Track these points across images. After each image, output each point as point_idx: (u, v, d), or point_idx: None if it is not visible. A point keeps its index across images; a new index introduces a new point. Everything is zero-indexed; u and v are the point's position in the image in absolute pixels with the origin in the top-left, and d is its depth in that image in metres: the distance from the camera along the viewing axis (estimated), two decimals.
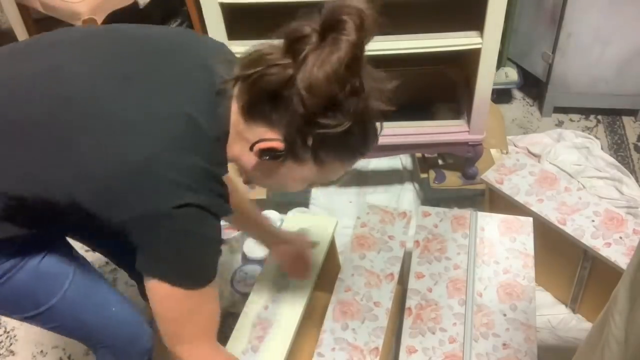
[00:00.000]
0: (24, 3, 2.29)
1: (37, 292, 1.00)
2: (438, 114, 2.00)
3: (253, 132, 0.85)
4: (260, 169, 0.89)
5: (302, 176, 0.90)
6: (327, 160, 0.87)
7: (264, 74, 0.79)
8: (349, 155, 0.89)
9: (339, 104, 0.80)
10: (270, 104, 0.82)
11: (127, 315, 1.16)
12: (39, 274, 0.99)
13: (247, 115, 0.85)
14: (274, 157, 0.85)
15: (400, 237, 1.44)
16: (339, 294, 1.33)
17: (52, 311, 1.02)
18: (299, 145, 0.84)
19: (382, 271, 1.37)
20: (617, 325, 0.73)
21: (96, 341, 1.16)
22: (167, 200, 0.79)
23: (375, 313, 1.28)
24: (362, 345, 1.22)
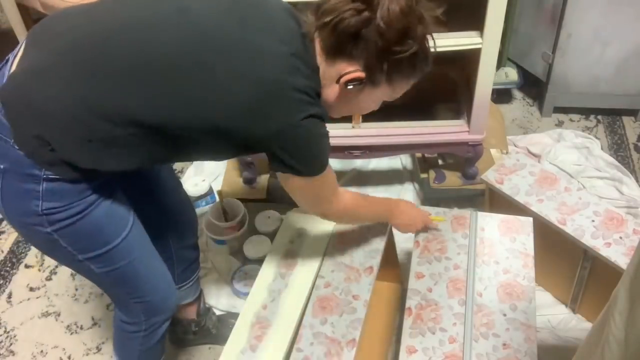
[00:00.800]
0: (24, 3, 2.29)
1: (108, 229, 1.10)
2: (438, 114, 2.00)
3: (336, 67, 1.01)
4: (344, 97, 1.05)
5: (377, 97, 1.08)
6: (397, 80, 1.03)
7: (342, 19, 0.95)
8: (415, 73, 1.04)
9: (410, 33, 0.97)
10: (351, 42, 0.98)
11: (165, 271, 1.28)
12: (111, 212, 1.09)
13: (329, 54, 1.01)
14: (357, 85, 1.01)
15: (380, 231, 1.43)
16: (319, 291, 1.32)
17: (115, 251, 1.11)
18: (377, 71, 1.00)
19: (361, 265, 1.37)
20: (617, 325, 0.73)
21: (137, 292, 1.22)
22: (298, 114, 0.97)
23: (354, 306, 1.28)
24: (339, 337, 1.22)
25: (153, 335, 1.32)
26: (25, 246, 2.04)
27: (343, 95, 1.05)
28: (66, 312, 1.83)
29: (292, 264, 1.38)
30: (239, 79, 0.95)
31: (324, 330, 1.24)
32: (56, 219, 1.02)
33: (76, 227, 1.04)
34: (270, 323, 1.25)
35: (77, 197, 1.02)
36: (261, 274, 1.38)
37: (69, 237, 1.06)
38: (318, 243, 1.42)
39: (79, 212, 1.03)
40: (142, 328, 1.29)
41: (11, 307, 1.85)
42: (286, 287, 1.33)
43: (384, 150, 1.90)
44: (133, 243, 1.15)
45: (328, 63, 1.02)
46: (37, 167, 0.97)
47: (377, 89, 1.04)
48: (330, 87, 1.04)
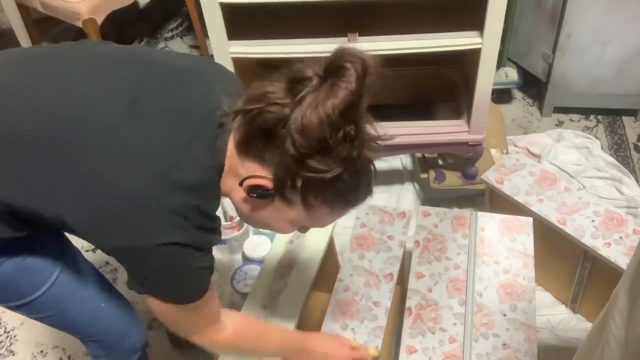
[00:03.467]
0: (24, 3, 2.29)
1: (21, 284, 1.01)
2: (438, 114, 2.00)
3: (245, 167, 0.85)
4: (249, 205, 0.89)
5: (290, 218, 0.89)
6: (315, 205, 0.86)
7: (263, 111, 0.80)
8: (338, 203, 0.88)
9: (330, 149, 0.80)
10: (264, 141, 0.82)
11: (117, 311, 1.17)
12: (24, 268, 1.00)
13: (241, 150, 0.86)
14: (263, 195, 0.85)
15: (399, 237, 1.44)
16: (339, 294, 1.33)
17: (37, 303, 1.04)
18: (288, 186, 0.83)
19: (381, 271, 1.37)
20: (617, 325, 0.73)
21: (84, 335, 1.17)
22: (152, 238, 0.80)
23: (375, 313, 1.28)
24: None
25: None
26: None
27: (249, 203, 0.88)
28: None
29: (292, 264, 1.38)
30: (96, 179, 0.80)
31: (345, 335, 1.24)
32: None
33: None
34: (270, 323, 1.25)
35: None
36: (261, 274, 1.38)
37: None
38: (318, 243, 1.42)
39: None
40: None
41: None
42: (286, 287, 1.33)
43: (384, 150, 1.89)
44: (61, 292, 1.05)
45: (239, 160, 0.86)
46: None
47: (289, 209, 0.87)
48: (235, 188, 0.88)
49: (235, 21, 1.59)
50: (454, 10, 1.65)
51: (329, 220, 0.92)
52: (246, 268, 1.83)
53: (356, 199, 0.89)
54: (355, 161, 0.83)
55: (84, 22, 2.15)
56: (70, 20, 2.20)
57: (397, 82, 2.07)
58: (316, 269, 1.36)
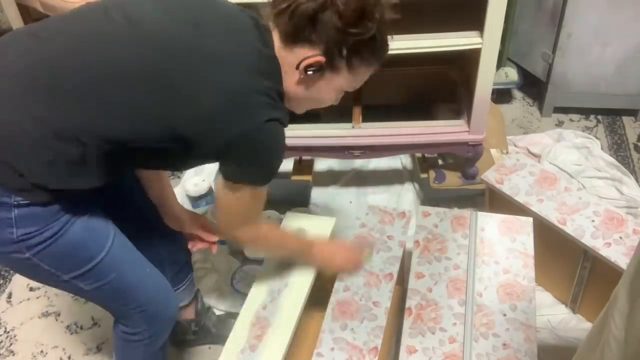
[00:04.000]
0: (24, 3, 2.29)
1: (90, 245, 1.08)
2: (438, 114, 2.00)
3: (295, 54, 1.01)
4: (304, 86, 1.05)
5: (338, 84, 1.07)
6: (358, 66, 1.03)
7: (299, 3, 0.97)
8: (373, 60, 1.05)
9: (367, 14, 0.97)
10: (309, 27, 0.98)
11: (159, 278, 1.26)
12: (89, 228, 1.08)
13: (287, 42, 1.01)
14: (317, 70, 1.01)
15: (399, 237, 1.44)
16: (338, 294, 1.33)
17: (102, 266, 1.10)
18: (336, 56, 1.00)
19: (381, 271, 1.36)
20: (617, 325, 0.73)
21: (135, 304, 1.20)
22: (260, 117, 0.97)
23: (375, 313, 1.28)
24: (361, 344, 1.22)
25: (156, 342, 1.31)
26: None
27: (303, 83, 1.05)
28: (66, 312, 1.83)
29: (292, 264, 1.38)
30: (198, 87, 0.95)
31: (345, 336, 1.24)
32: (33, 243, 1.00)
33: (55, 249, 1.03)
34: (270, 323, 1.25)
35: (50, 219, 1.01)
36: (261, 274, 1.38)
37: (49, 259, 1.04)
38: None
39: (55, 234, 1.02)
40: (146, 336, 1.27)
41: (11, 307, 1.85)
42: (286, 287, 1.33)
43: (384, 150, 1.90)
44: (119, 255, 1.13)
45: (287, 51, 1.02)
46: (6, 195, 0.96)
47: (337, 76, 1.04)
48: (290, 76, 1.04)
49: None
50: (454, 10, 1.65)
51: (365, 77, 1.09)
52: (246, 268, 1.83)
53: (383, 53, 1.06)
54: (382, 21, 1.00)
55: None
56: None
57: (397, 82, 2.07)
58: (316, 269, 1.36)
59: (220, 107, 0.96)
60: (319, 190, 2.10)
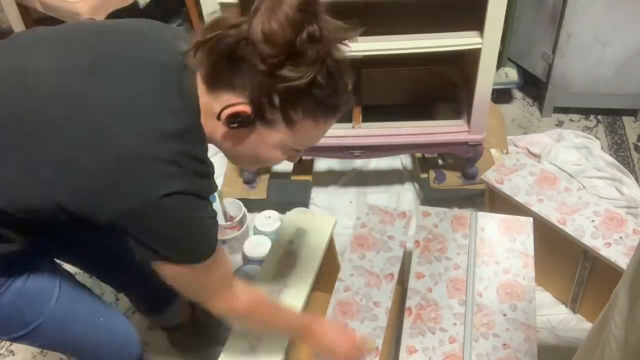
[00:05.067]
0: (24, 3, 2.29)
1: (24, 311, 0.99)
2: (438, 114, 2.00)
3: (220, 101, 0.83)
4: (232, 138, 0.86)
5: (276, 142, 0.87)
6: (297, 120, 0.84)
7: (222, 36, 0.78)
8: (320, 111, 0.85)
9: (298, 53, 0.77)
10: (230, 67, 0.80)
11: (115, 323, 1.17)
12: (25, 293, 0.98)
13: (210, 85, 0.83)
14: (243, 123, 0.83)
15: (399, 237, 1.44)
16: (339, 294, 1.33)
17: (41, 329, 1.01)
18: (266, 106, 0.81)
19: (381, 271, 1.36)
20: (617, 325, 0.73)
21: (88, 355, 1.15)
22: (154, 191, 0.78)
23: (375, 313, 1.28)
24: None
25: None
26: None
27: (230, 138, 0.86)
28: None
29: (292, 264, 1.38)
30: (81, 150, 0.79)
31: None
32: None
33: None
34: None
35: None
36: (261, 274, 1.38)
37: None
38: (318, 243, 1.42)
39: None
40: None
41: None
42: (286, 287, 1.33)
43: (384, 150, 1.90)
44: (63, 313, 1.03)
45: (211, 96, 0.84)
46: None
47: (273, 131, 0.85)
48: (215, 127, 0.85)
49: None
50: (454, 10, 1.65)
51: (315, 135, 0.89)
52: (246, 268, 1.83)
53: (337, 103, 0.86)
54: (326, 62, 0.80)
55: None
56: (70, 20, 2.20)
57: (397, 82, 2.07)
58: (316, 269, 1.36)
59: (104, 177, 0.79)
60: (319, 190, 2.10)
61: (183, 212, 0.82)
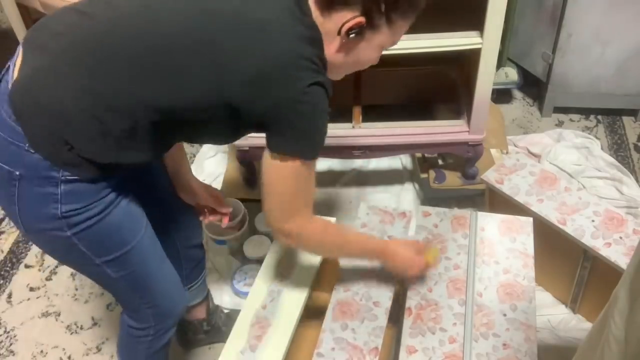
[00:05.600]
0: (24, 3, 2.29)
1: (126, 229, 1.09)
2: (438, 114, 2.01)
3: (333, 20, 0.99)
4: (345, 50, 1.03)
5: (379, 42, 1.04)
6: (396, 20, 1.01)
7: None
8: (410, 11, 1.02)
9: None
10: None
11: (174, 275, 1.27)
12: (129, 212, 1.09)
13: (324, 8, 0.99)
14: (359, 32, 0.99)
15: (400, 237, 1.44)
16: (339, 294, 1.33)
17: (132, 253, 1.10)
18: (375, 14, 0.98)
19: (381, 271, 1.36)
20: (617, 325, 0.73)
21: (149, 297, 1.21)
22: (305, 81, 0.96)
23: (375, 313, 1.28)
24: (361, 345, 1.22)
25: (160, 340, 1.31)
26: (25, 246, 2.04)
27: (344, 47, 1.03)
28: (66, 312, 1.83)
29: (292, 264, 1.38)
30: (245, 53, 0.95)
31: (345, 336, 1.24)
32: (76, 221, 1.01)
33: (96, 229, 1.03)
34: (270, 323, 1.25)
35: (96, 197, 1.01)
36: (261, 274, 1.38)
37: (88, 239, 1.04)
38: None
39: (98, 213, 1.02)
40: (151, 333, 1.28)
41: (11, 307, 1.85)
42: (286, 287, 1.33)
43: (384, 150, 1.90)
44: (147, 245, 1.14)
45: (325, 17, 1.00)
46: (54, 169, 0.96)
47: (377, 34, 1.02)
48: (331, 43, 1.02)
49: None
50: (454, 10, 1.65)
51: (404, 31, 1.06)
52: (246, 268, 1.83)
53: (419, 3, 1.02)
54: None
55: None
56: None
57: (397, 82, 2.07)
58: (316, 269, 1.36)
59: (266, 71, 0.95)
60: (319, 190, 2.10)
61: (320, 101, 0.99)
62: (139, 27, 0.97)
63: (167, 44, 0.95)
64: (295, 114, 0.98)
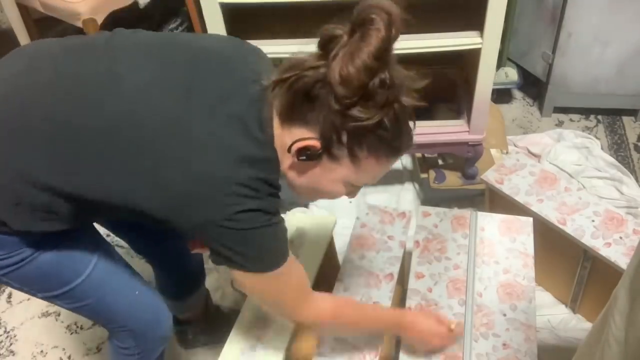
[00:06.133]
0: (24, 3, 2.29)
1: (63, 272, 1.05)
2: (438, 114, 2.00)
3: (291, 134, 0.89)
4: (297, 169, 0.93)
5: (340, 176, 0.93)
6: (362, 157, 0.90)
7: (301, 77, 0.85)
8: (383, 151, 0.91)
9: (370, 96, 0.84)
10: (306, 104, 0.87)
11: (149, 299, 1.21)
12: (63, 255, 1.04)
13: (284, 119, 0.90)
14: (311, 156, 0.89)
15: (399, 237, 1.44)
16: (339, 294, 1.33)
17: (77, 291, 1.07)
18: (334, 142, 0.88)
19: (381, 271, 1.36)
20: (617, 325, 0.73)
21: (118, 324, 1.18)
22: (231, 209, 0.86)
23: None
24: (362, 344, 1.22)
25: (149, 357, 1.27)
26: None
27: (296, 169, 0.93)
28: (66, 312, 1.82)
29: None
30: (170, 166, 0.86)
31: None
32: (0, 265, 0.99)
33: (24, 272, 1.01)
34: (270, 323, 1.25)
35: (16, 247, 0.98)
36: None
37: (19, 280, 1.03)
38: (318, 243, 1.42)
39: (21, 260, 0.99)
40: (136, 352, 1.24)
41: (11, 307, 1.85)
42: None
43: None
44: (100, 278, 1.09)
45: (284, 130, 0.90)
46: None
47: (338, 166, 0.91)
48: (286, 159, 0.92)
49: (235, 21, 1.59)
50: (454, 10, 1.65)
51: (376, 172, 0.96)
52: None
53: (399, 145, 0.92)
54: (393, 106, 0.86)
55: (84, 22, 2.15)
56: (70, 20, 2.20)
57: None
58: (316, 269, 1.36)
59: (187, 193, 0.86)
60: None
61: (256, 224, 0.89)
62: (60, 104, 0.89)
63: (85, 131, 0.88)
64: (223, 236, 0.89)
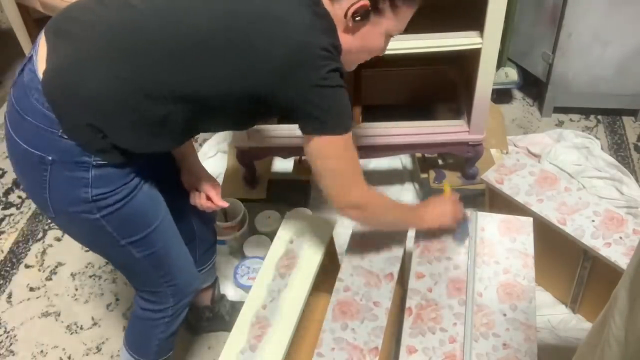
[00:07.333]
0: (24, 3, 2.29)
1: (149, 212, 1.16)
2: (438, 114, 2.01)
3: (341, 5, 1.05)
4: (351, 32, 1.09)
5: (384, 28, 1.10)
6: (400, 6, 1.07)
7: None
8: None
9: None
10: None
11: (188, 254, 1.32)
12: (151, 195, 1.16)
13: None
14: (364, 15, 1.06)
15: (399, 237, 1.44)
16: (339, 294, 1.33)
17: (155, 233, 1.17)
18: None
19: (381, 271, 1.37)
20: (617, 325, 0.73)
21: (170, 275, 1.26)
22: (324, 68, 1.01)
23: (375, 313, 1.28)
24: (361, 345, 1.22)
25: (175, 321, 1.35)
26: (25, 246, 2.04)
27: (351, 31, 1.09)
28: (66, 312, 1.83)
29: (292, 264, 1.38)
30: (272, 45, 1.00)
31: (345, 336, 1.24)
32: (105, 204, 1.06)
33: (123, 211, 1.09)
34: (270, 323, 1.25)
35: (123, 180, 1.07)
36: (261, 273, 1.38)
37: (116, 221, 1.10)
38: (318, 243, 1.42)
39: (126, 196, 1.08)
40: (169, 313, 1.32)
41: (11, 307, 1.85)
42: (286, 287, 1.33)
43: (384, 150, 1.90)
44: (167, 225, 1.21)
45: (335, 4, 1.06)
46: (86, 155, 1.01)
47: (382, 19, 1.08)
48: (340, 28, 1.08)
49: None
50: (454, 10, 1.65)
51: (408, 17, 1.12)
52: (247, 262, 1.84)
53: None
54: None
55: None
56: None
57: (397, 82, 2.07)
58: (316, 269, 1.36)
59: (293, 59, 1.00)
60: (319, 190, 2.10)
61: (339, 82, 1.05)
62: (171, 22, 1.01)
63: (197, 38, 1.00)
64: (320, 98, 1.04)
